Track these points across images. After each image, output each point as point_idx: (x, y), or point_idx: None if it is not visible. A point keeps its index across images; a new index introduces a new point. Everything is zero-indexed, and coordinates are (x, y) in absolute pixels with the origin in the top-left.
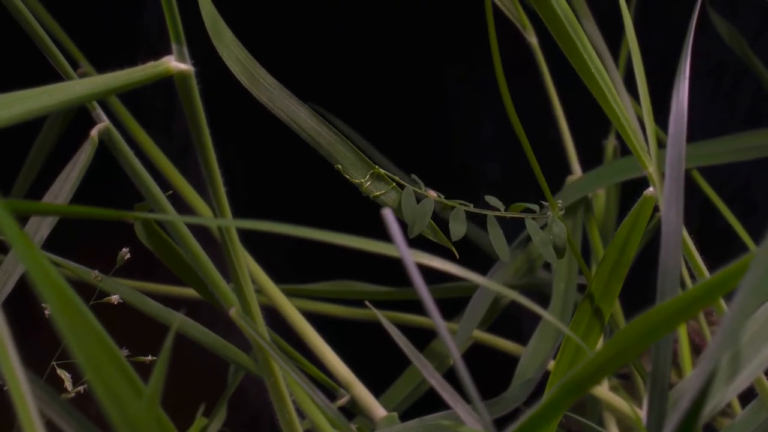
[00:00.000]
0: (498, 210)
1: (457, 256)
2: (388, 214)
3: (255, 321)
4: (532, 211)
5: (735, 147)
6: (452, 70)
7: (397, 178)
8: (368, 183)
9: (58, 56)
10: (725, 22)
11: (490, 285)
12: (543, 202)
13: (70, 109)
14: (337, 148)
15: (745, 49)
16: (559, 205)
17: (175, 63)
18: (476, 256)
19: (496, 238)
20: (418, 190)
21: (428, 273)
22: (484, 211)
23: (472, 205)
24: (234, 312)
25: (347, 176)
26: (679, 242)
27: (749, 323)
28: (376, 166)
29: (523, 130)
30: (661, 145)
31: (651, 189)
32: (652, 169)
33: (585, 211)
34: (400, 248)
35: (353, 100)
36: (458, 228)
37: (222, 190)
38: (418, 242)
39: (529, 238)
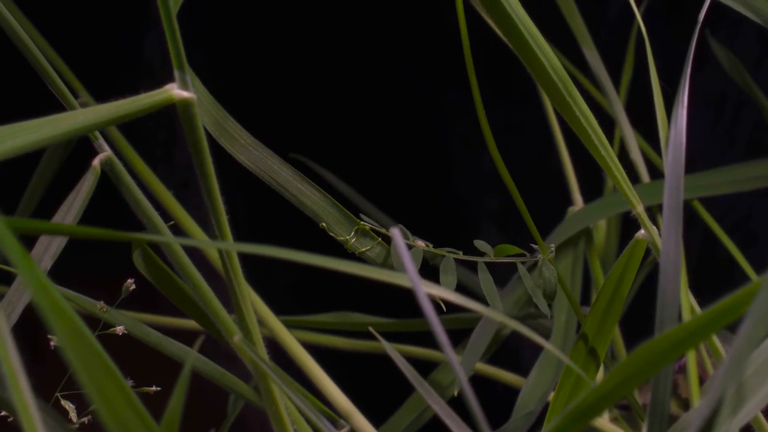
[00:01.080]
0: (487, 255)
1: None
2: (396, 234)
3: (257, 347)
4: (523, 255)
5: (735, 177)
6: (451, 101)
7: (383, 230)
8: (353, 240)
9: (60, 85)
10: (725, 50)
11: (494, 315)
12: (533, 245)
13: (72, 138)
14: (321, 205)
15: (745, 77)
16: (550, 248)
17: (178, 90)
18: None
19: (486, 284)
20: (406, 240)
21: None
22: (473, 258)
23: (461, 252)
24: (237, 338)
25: (332, 234)
26: (678, 272)
27: (754, 354)
28: (361, 222)
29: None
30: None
31: (642, 231)
32: (640, 209)
33: (586, 241)
34: (412, 278)
35: (348, 132)
36: (449, 280)
37: (224, 217)
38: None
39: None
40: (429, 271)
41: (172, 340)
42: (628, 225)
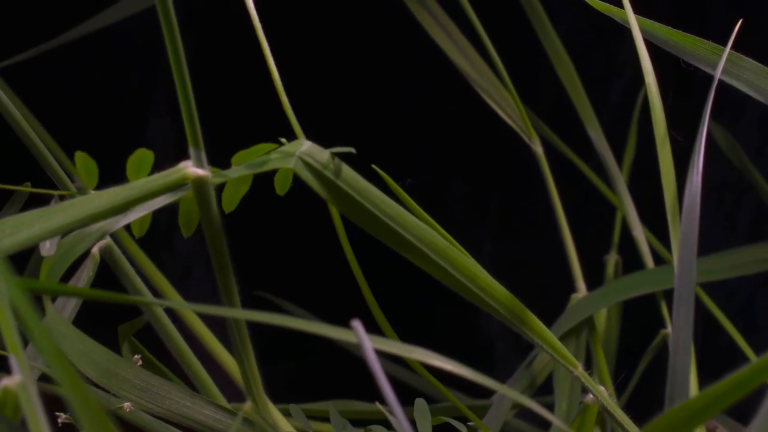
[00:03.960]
0: None
1: None
2: (358, 326)
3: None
4: None
5: (738, 262)
6: (453, 188)
7: None
8: None
9: (58, 171)
10: (726, 133)
11: (508, 392)
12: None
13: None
14: None
15: (744, 161)
16: None
17: (193, 168)
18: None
19: None
20: None
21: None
22: None
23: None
24: (249, 406)
25: None
26: (688, 360)
27: None
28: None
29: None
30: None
31: (591, 396)
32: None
33: (589, 329)
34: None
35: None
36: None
37: (236, 298)
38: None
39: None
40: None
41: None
42: (628, 308)
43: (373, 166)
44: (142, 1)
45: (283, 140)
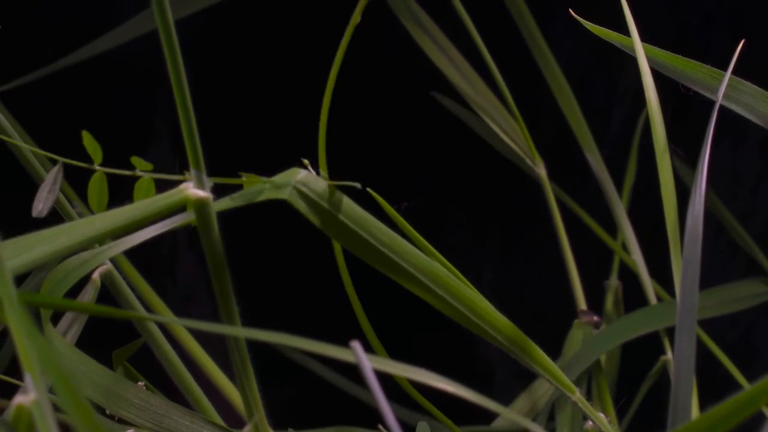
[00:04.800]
0: None
1: None
2: (357, 347)
3: None
4: None
5: (736, 296)
6: (452, 216)
7: None
8: None
9: (59, 197)
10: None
11: (511, 416)
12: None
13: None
14: None
15: (714, 201)
16: None
17: (194, 190)
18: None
19: None
20: None
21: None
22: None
23: None
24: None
25: None
26: (689, 387)
27: None
28: None
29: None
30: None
31: (590, 423)
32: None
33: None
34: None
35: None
36: None
37: (237, 319)
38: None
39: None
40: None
41: None
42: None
43: (368, 189)
44: (142, 25)
45: (306, 161)
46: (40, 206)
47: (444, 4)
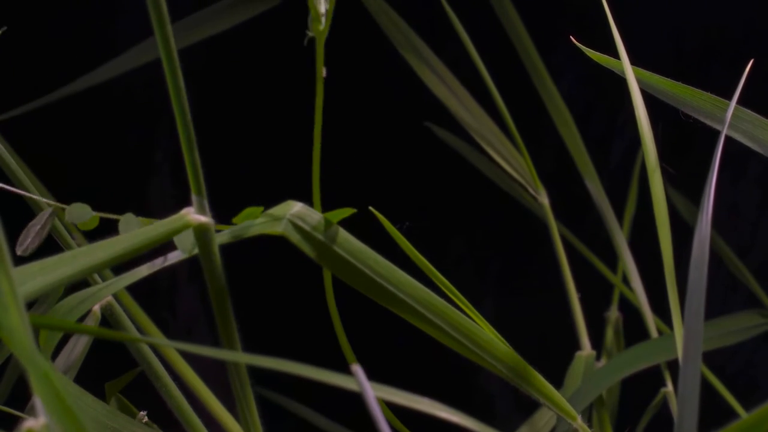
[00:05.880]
0: None
1: None
2: (358, 371)
3: None
4: None
5: (734, 328)
6: (453, 248)
7: None
8: None
9: (60, 229)
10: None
11: None
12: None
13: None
14: None
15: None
16: None
17: (195, 215)
18: None
19: None
20: None
21: None
22: None
23: None
24: None
25: None
26: (694, 419)
27: None
28: None
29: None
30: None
31: None
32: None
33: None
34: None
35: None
36: None
37: (238, 345)
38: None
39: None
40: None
41: None
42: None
43: (371, 208)
44: (141, 55)
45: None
46: (26, 245)
47: (446, 35)
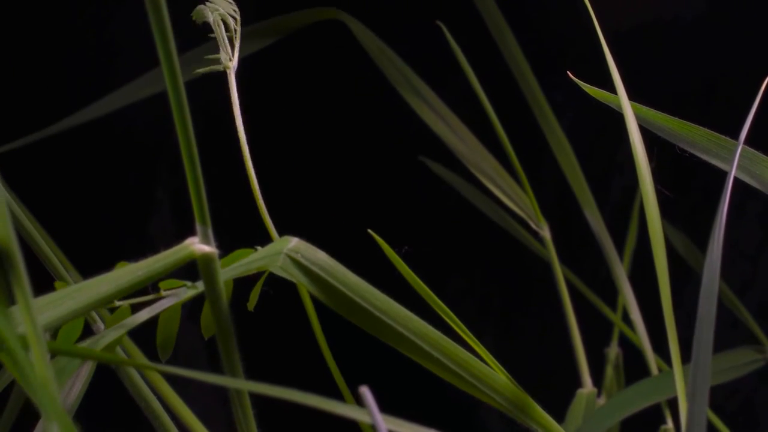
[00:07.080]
0: None
1: None
2: (366, 393)
3: None
4: None
5: (730, 365)
6: (454, 285)
7: None
8: None
9: (58, 267)
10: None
11: None
12: None
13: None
14: None
15: (700, 260)
16: None
17: (199, 245)
18: None
19: None
20: None
21: None
22: None
23: None
24: None
25: None
26: None
27: None
28: None
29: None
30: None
31: None
32: None
33: None
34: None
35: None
36: None
37: (241, 375)
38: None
39: None
40: None
41: None
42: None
43: (369, 231)
44: (142, 89)
45: (258, 248)
46: None
47: (447, 73)
